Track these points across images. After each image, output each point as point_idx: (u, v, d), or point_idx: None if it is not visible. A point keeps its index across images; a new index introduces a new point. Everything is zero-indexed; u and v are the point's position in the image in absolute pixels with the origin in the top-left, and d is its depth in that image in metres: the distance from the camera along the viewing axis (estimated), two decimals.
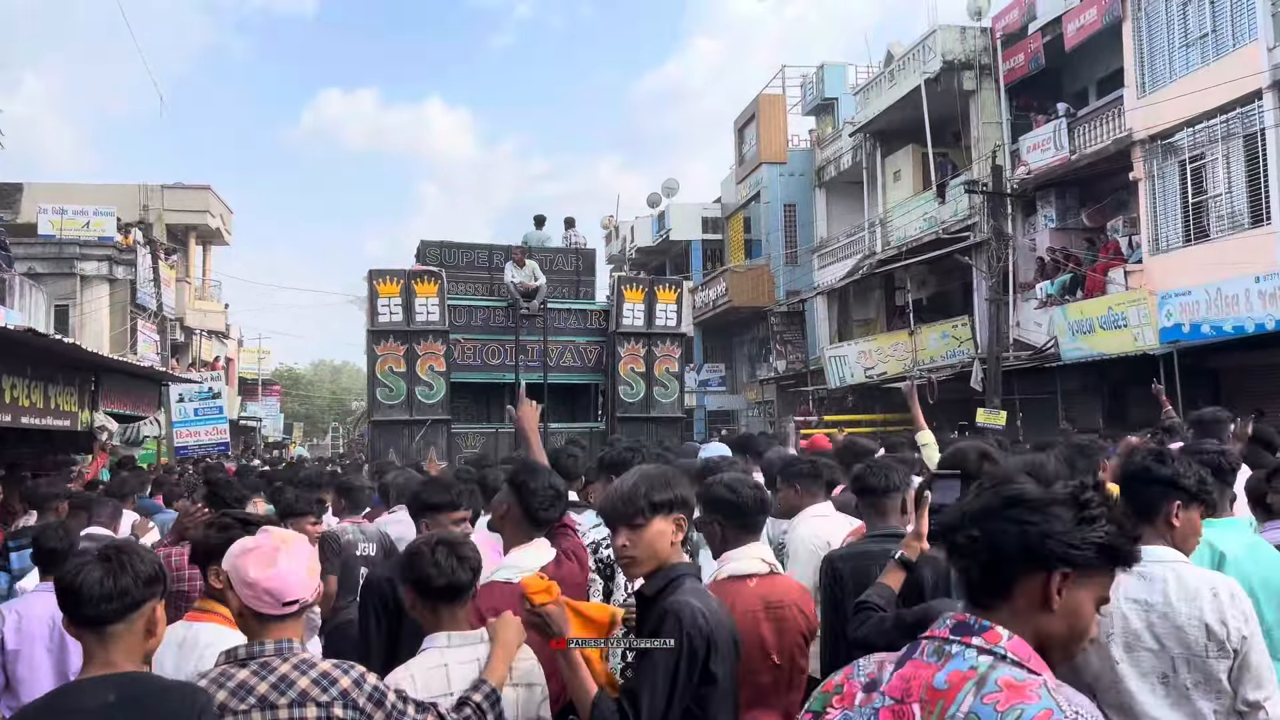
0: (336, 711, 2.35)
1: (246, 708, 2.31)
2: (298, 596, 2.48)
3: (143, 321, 26.22)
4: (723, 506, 3.28)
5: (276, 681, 2.36)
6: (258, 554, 2.48)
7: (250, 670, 2.37)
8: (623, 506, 2.64)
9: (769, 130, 29.78)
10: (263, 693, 2.33)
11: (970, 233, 19.99)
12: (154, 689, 2.25)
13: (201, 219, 32.97)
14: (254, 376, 47.88)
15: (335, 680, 2.40)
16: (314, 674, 2.40)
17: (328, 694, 2.37)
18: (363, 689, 2.41)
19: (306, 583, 2.51)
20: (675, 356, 15.35)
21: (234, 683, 2.34)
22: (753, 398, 31.96)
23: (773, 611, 3.16)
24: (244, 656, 2.41)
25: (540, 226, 17.17)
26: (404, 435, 13.85)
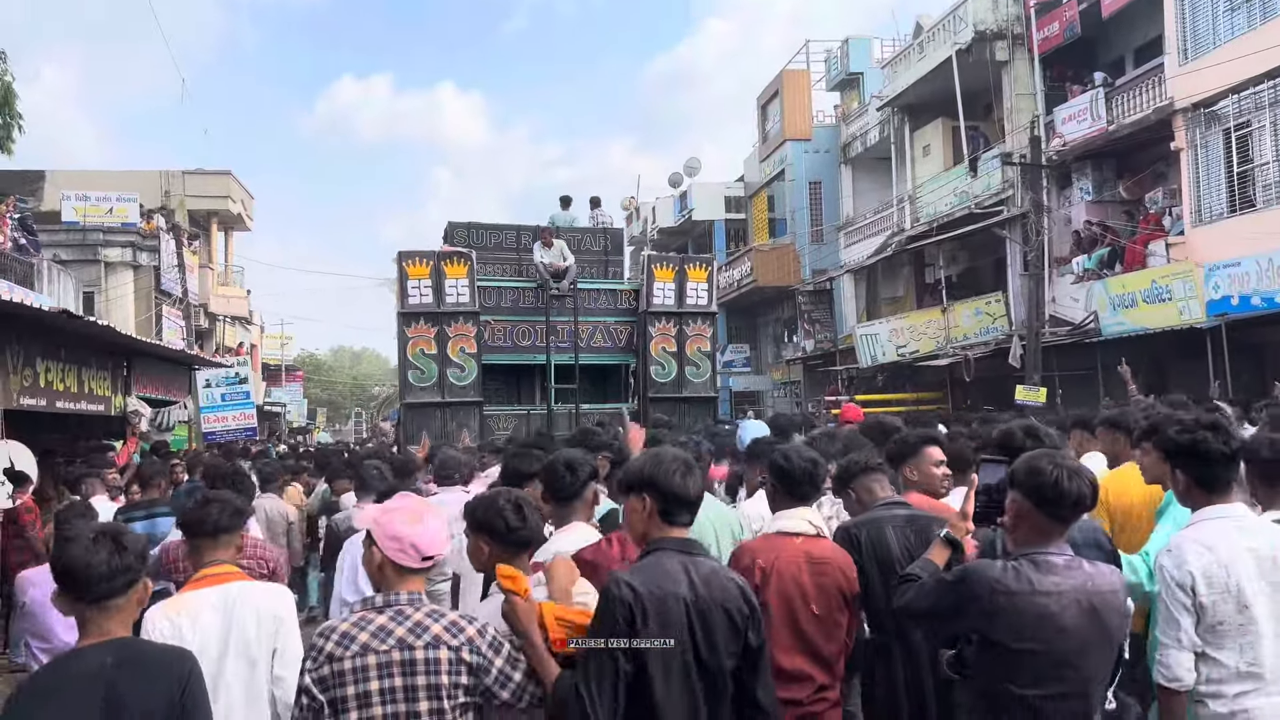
0: (465, 655, 2.65)
1: (387, 648, 2.61)
2: (435, 552, 2.78)
3: (167, 307, 26.18)
4: (775, 472, 3.66)
5: (413, 626, 2.65)
6: (404, 513, 2.80)
7: (388, 616, 2.66)
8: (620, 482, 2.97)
9: (793, 106, 29.40)
10: (400, 635, 2.63)
11: (1004, 207, 19.64)
12: (147, 652, 2.60)
13: (223, 204, 32.86)
14: (277, 362, 47.95)
15: (463, 629, 2.68)
16: (445, 621, 2.69)
17: (457, 639, 2.66)
18: (485, 637, 2.70)
19: (445, 542, 2.84)
20: (707, 335, 15.13)
21: (374, 625, 2.64)
22: (779, 378, 31.71)
23: (815, 566, 3.44)
24: (381, 604, 2.70)
25: (567, 207, 16.98)
26: (436, 417, 13.69)
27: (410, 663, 2.61)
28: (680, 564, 2.73)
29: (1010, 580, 2.69)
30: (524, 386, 15.36)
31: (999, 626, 2.69)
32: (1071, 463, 2.82)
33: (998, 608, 2.67)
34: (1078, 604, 2.67)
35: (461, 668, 2.64)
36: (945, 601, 2.82)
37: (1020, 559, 2.74)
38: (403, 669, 2.61)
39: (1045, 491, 2.71)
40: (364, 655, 2.60)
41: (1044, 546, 2.74)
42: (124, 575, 2.53)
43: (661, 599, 2.64)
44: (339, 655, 2.61)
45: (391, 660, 2.61)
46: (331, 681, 2.59)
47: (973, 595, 2.73)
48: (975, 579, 2.74)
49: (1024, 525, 2.78)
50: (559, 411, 14.19)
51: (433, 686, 2.61)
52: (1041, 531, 2.75)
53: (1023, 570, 2.70)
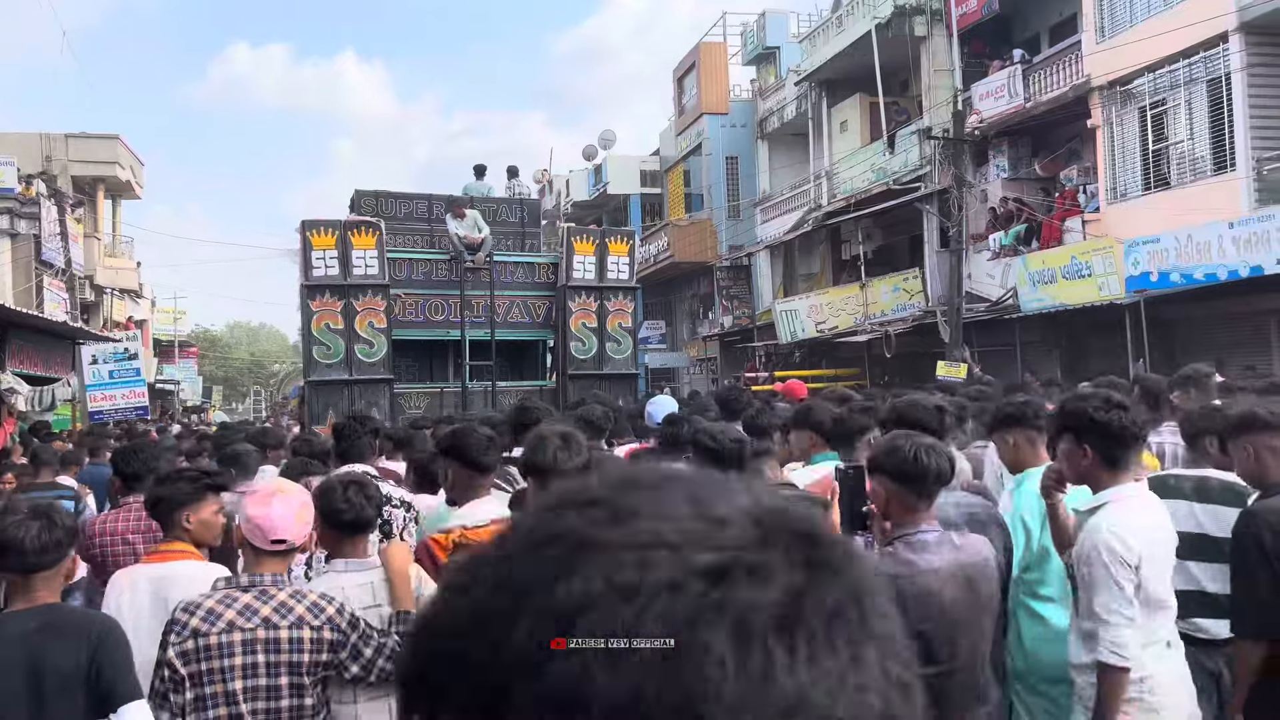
0: (325, 634, 2.81)
1: (253, 626, 2.74)
2: (283, 536, 2.88)
3: (49, 279, 24.58)
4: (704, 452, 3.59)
5: (277, 606, 2.79)
6: (257, 496, 2.95)
7: (253, 595, 2.80)
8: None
9: (710, 79, 29.03)
10: (266, 615, 2.76)
11: (922, 183, 19.63)
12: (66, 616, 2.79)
13: (110, 170, 31.00)
14: (170, 338, 45.84)
15: (324, 609, 2.85)
16: (307, 602, 2.85)
17: (319, 619, 2.82)
18: (344, 615, 2.88)
19: (293, 528, 2.90)
20: (629, 311, 14.93)
21: (240, 604, 2.77)
22: (695, 355, 31.48)
23: None
24: (245, 584, 2.84)
25: (481, 176, 16.46)
26: (343, 395, 13.09)
27: (274, 641, 2.75)
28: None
29: (889, 567, 2.76)
30: (437, 363, 14.94)
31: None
32: (927, 439, 2.93)
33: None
34: (954, 579, 2.77)
35: (323, 645, 2.81)
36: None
37: (894, 543, 2.84)
38: (266, 646, 2.75)
39: (906, 468, 2.80)
40: (230, 632, 2.73)
41: (915, 526, 2.84)
42: (55, 550, 2.75)
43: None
44: (204, 631, 2.72)
45: (256, 638, 2.74)
46: (195, 656, 2.70)
47: None
48: None
49: (893, 507, 2.87)
50: (474, 390, 13.77)
51: (294, 664, 2.77)
52: (910, 509, 2.85)
53: (899, 554, 2.79)
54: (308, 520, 3.01)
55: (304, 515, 2.99)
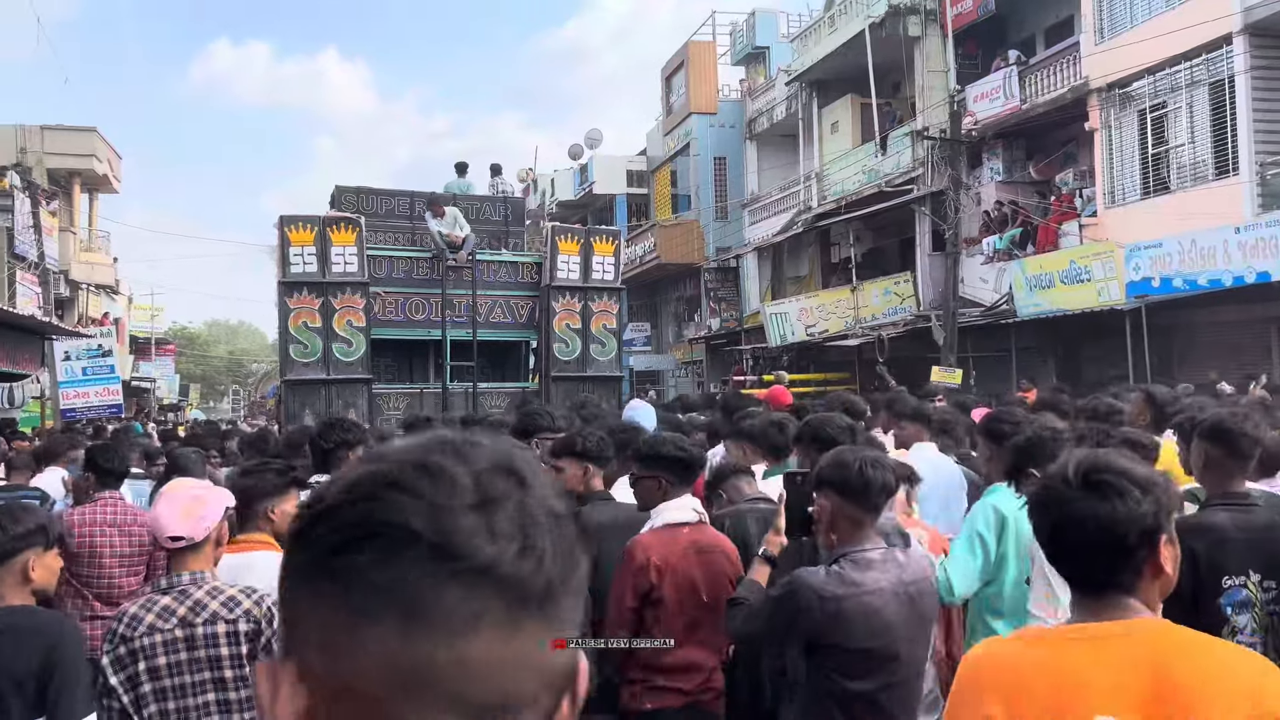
0: (240, 626, 2.87)
1: (170, 626, 2.81)
2: (176, 533, 2.91)
3: (22, 273, 23.98)
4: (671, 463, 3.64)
5: (193, 605, 2.86)
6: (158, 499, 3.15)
7: (171, 597, 2.87)
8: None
9: (699, 78, 28.68)
10: (182, 614, 2.83)
11: (914, 185, 19.32)
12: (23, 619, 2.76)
13: (87, 163, 30.40)
14: (146, 335, 45.11)
15: (240, 602, 2.90)
16: (222, 598, 2.90)
17: (233, 613, 2.87)
18: (261, 607, 2.91)
19: (182, 524, 2.91)
20: (613, 312, 14.65)
21: (159, 607, 2.85)
22: (681, 357, 31.10)
23: (702, 555, 3.54)
24: (165, 586, 2.91)
25: (463, 174, 16.16)
26: (320, 395, 12.75)
27: (191, 639, 2.82)
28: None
29: (835, 586, 2.77)
30: (417, 364, 14.61)
31: (833, 632, 2.77)
32: (873, 453, 2.97)
33: (828, 614, 2.75)
34: (897, 597, 2.79)
35: (239, 638, 2.86)
36: (778, 619, 2.90)
37: (840, 560, 2.84)
38: (186, 644, 2.82)
39: (852, 483, 2.80)
40: (150, 634, 2.81)
41: (860, 543, 2.84)
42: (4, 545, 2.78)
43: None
44: (129, 636, 2.81)
45: (175, 638, 2.83)
46: (126, 660, 2.79)
47: (802, 608, 2.80)
48: (802, 592, 2.81)
49: (838, 522, 2.86)
50: (455, 390, 13.47)
51: (214, 658, 2.83)
52: (855, 523, 2.84)
53: (845, 573, 2.78)
54: (202, 514, 2.99)
55: (194, 509, 2.99)
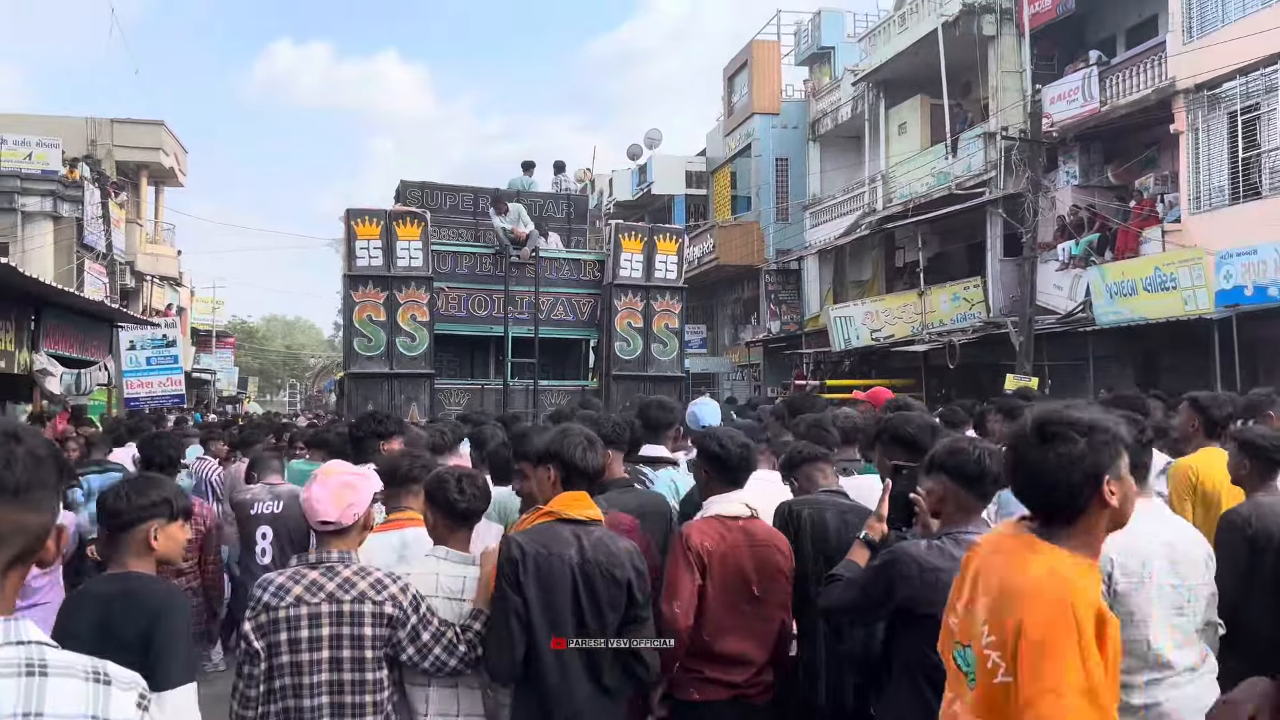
0: (386, 609, 2.94)
1: (318, 600, 2.91)
2: (326, 518, 3.02)
3: (90, 262, 24.35)
4: (709, 458, 3.68)
5: (342, 582, 2.95)
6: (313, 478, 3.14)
7: (319, 572, 2.97)
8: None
9: (762, 78, 28.33)
10: (330, 590, 2.93)
11: (987, 189, 18.82)
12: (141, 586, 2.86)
13: (154, 156, 30.87)
14: (208, 328, 45.73)
15: (386, 586, 2.97)
16: (371, 579, 2.98)
17: (381, 595, 2.95)
18: (406, 594, 2.99)
19: (331, 510, 3.02)
20: (675, 311, 14.49)
21: (307, 580, 2.95)
22: (737, 360, 30.73)
23: (756, 548, 3.55)
24: (313, 561, 3.02)
25: (529, 172, 16.17)
26: (383, 389, 12.72)
27: (338, 614, 2.90)
28: (572, 532, 3.14)
29: (935, 558, 2.83)
30: (478, 359, 14.50)
31: (931, 600, 2.74)
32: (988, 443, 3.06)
33: (927, 583, 2.79)
34: None
35: (383, 620, 2.92)
36: (876, 587, 2.96)
37: (942, 537, 2.89)
38: (331, 620, 2.90)
39: (968, 469, 2.88)
40: (297, 606, 2.90)
41: (965, 526, 2.89)
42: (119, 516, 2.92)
43: (546, 557, 3.07)
44: (274, 605, 2.90)
45: (321, 612, 2.90)
46: (268, 628, 2.88)
47: (903, 575, 2.86)
48: (904, 560, 2.88)
49: (948, 505, 2.93)
50: (516, 387, 13.37)
51: (356, 637, 2.91)
52: (964, 509, 2.91)
53: (945, 548, 2.84)
54: (352, 500, 3.07)
55: (345, 496, 3.06)
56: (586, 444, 3.31)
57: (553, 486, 3.28)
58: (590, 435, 3.39)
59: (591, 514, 3.25)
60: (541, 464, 3.35)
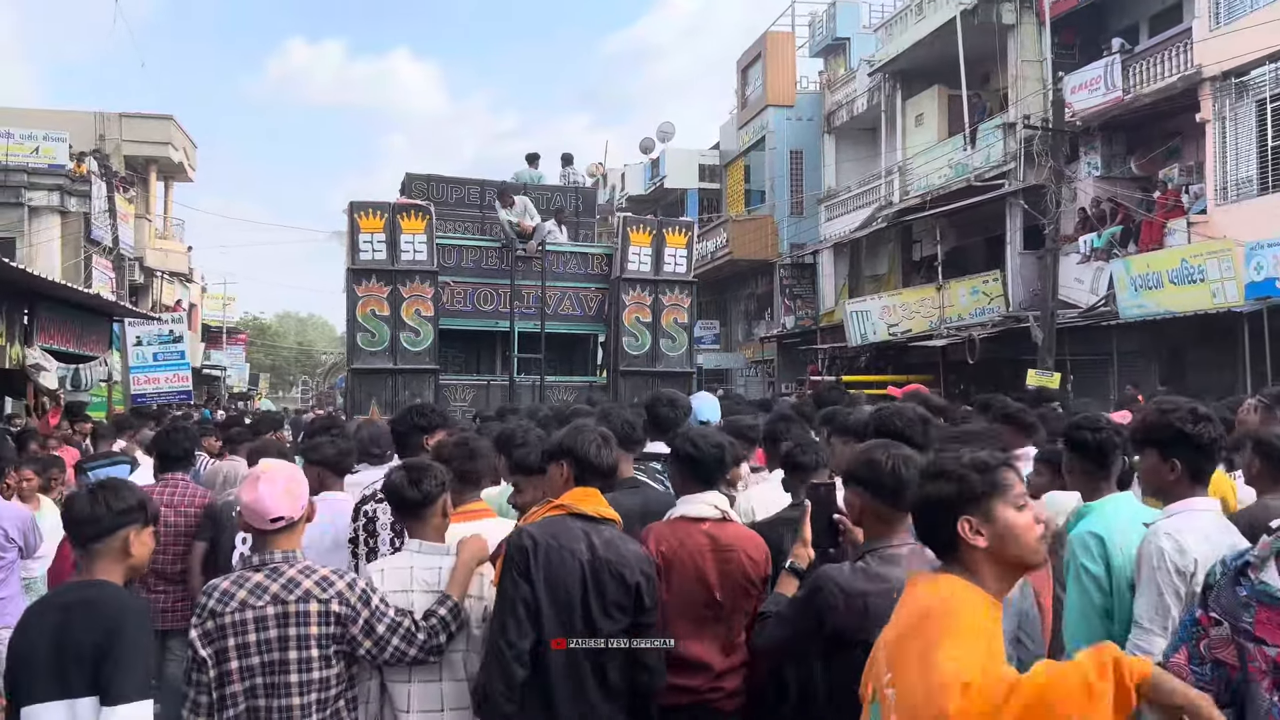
0: (334, 607, 2.94)
1: (263, 603, 2.90)
2: (278, 514, 3.01)
3: (97, 257, 24.17)
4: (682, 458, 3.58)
5: (286, 583, 2.95)
6: (246, 482, 3.14)
7: (264, 574, 2.97)
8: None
9: (777, 70, 27.96)
10: (275, 591, 2.93)
11: (1006, 180, 18.40)
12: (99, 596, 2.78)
13: (163, 151, 30.70)
14: (218, 324, 45.66)
15: (333, 583, 2.97)
16: (316, 577, 2.98)
17: (326, 593, 2.95)
18: (354, 590, 2.99)
19: (283, 503, 3.02)
20: (685, 306, 14.23)
21: (251, 583, 2.95)
22: (750, 356, 30.35)
23: (720, 553, 3.42)
24: (257, 563, 3.02)
25: (534, 164, 15.92)
26: (387, 385, 12.56)
27: (283, 616, 2.87)
28: (581, 528, 3.07)
29: (860, 581, 2.72)
30: (484, 355, 14.27)
31: (860, 629, 2.63)
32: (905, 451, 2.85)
33: (854, 610, 2.67)
34: None
35: (329, 619, 2.89)
36: (806, 620, 2.82)
37: (866, 556, 2.78)
38: (277, 621, 2.87)
39: (884, 480, 2.75)
40: (242, 610, 2.87)
41: (888, 540, 2.77)
42: (96, 524, 2.80)
43: (557, 550, 2.99)
44: (220, 611, 2.87)
45: (266, 615, 2.88)
46: (215, 634, 2.85)
47: (829, 605, 2.73)
48: (827, 588, 2.75)
49: (868, 519, 2.82)
50: (522, 383, 13.12)
51: (303, 637, 2.88)
52: (885, 522, 2.78)
53: (870, 568, 2.74)
54: (300, 494, 3.09)
55: (293, 489, 3.07)
56: (600, 441, 3.26)
57: (565, 483, 3.23)
58: (604, 432, 3.36)
59: (605, 512, 3.18)
60: (554, 460, 3.29)
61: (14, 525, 5.32)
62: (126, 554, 2.86)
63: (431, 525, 3.28)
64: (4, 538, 5.29)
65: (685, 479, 3.60)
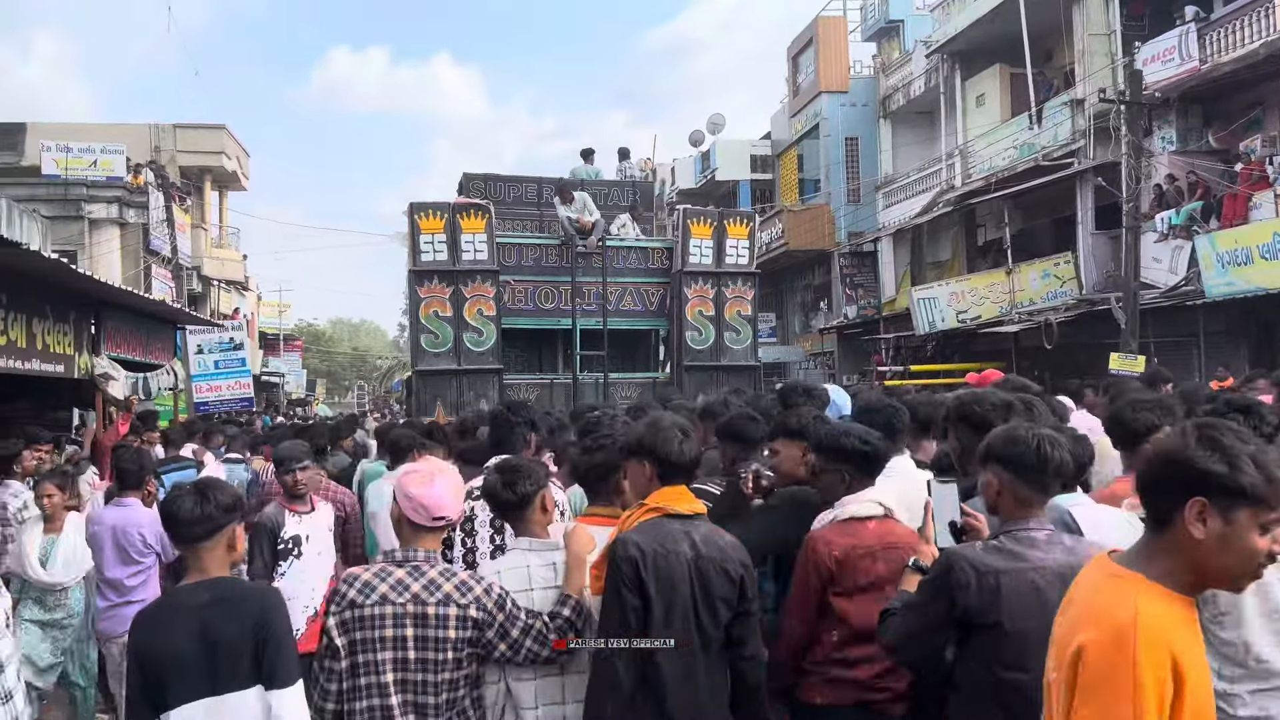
0: (471, 612, 2.94)
1: (403, 601, 2.92)
2: (445, 514, 3.08)
3: (156, 267, 24.39)
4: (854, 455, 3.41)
5: (427, 583, 2.96)
6: (418, 475, 3.11)
7: (406, 570, 2.98)
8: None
9: (829, 56, 27.42)
10: (416, 591, 2.94)
11: (1075, 159, 17.77)
12: (236, 590, 2.94)
13: (217, 160, 30.99)
14: (275, 331, 46.10)
15: (471, 588, 2.98)
16: (455, 580, 2.99)
17: (465, 598, 2.95)
18: (491, 595, 2.99)
19: (453, 505, 3.11)
20: (748, 298, 14.06)
21: (393, 579, 2.96)
22: (809, 348, 29.84)
23: (889, 551, 3.32)
24: (400, 559, 3.03)
25: (589, 160, 15.76)
26: (451, 386, 12.48)
27: (422, 616, 2.89)
28: (681, 529, 3.02)
29: (995, 560, 2.59)
30: (546, 353, 14.19)
31: (992, 609, 2.54)
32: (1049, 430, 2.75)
33: (987, 588, 2.54)
34: (1061, 580, 2.46)
35: (467, 624, 2.92)
36: (936, 604, 2.66)
37: (1000, 537, 2.66)
38: (415, 621, 2.89)
39: (1028, 459, 2.62)
40: (382, 604, 2.90)
41: (1024, 522, 2.64)
42: (206, 523, 2.90)
43: (665, 555, 2.94)
44: (360, 602, 2.90)
45: (406, 612, 2.91)
46: (352, 625, 2.88)
47: (960, 583, 2.58)
48: (958, 565, 2.61)
49: (1005, 500, 2.68)
50: (585, 381, 12.97)
51: (440, 640, 2.90)
52: (1023, 504, 2.66)
53: (1005, 548, 2.61)
54: (462, 497, 3.21)
55: (460, 494, 3.18)
56: (681, 436, 3.16)
57: (649, 482, 3.14)
58: (684, 425, 3.25)
59: (696, 508, 3.12)
60: (634, 458, 3.20)
61: (151, 531, 5.57)
62: (232, 549, 2.99)
63: (534, 523, 3.28)
64: (142, 543, 5.56)
65: (853, 477, 3.45)
